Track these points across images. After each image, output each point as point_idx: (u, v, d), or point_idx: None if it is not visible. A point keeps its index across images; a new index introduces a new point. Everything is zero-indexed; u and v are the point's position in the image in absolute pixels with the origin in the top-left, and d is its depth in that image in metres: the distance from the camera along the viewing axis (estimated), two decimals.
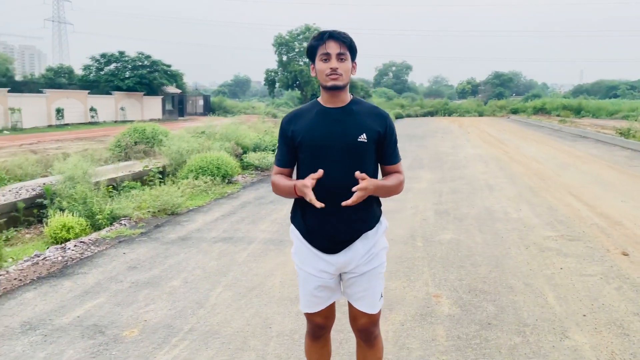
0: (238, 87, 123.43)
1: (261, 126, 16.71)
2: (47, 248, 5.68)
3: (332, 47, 2.11)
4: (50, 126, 33.83)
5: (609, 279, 4.44)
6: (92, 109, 38.39)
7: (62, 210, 6.80)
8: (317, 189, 2.07)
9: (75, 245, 5.58)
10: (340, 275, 2.29)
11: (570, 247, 5.39)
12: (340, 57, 2.10)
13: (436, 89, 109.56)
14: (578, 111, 44.59)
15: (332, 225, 2.14)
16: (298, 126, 2.20)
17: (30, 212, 7.17)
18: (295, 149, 2.21)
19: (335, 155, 2.13)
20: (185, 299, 4.02)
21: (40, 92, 34.91)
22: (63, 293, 4.18)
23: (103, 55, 44.92)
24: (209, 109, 57.23)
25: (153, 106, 46.57)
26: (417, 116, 47.17)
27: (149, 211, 6.80)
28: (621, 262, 4.87)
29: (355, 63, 2.18)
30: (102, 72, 44.60)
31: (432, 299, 4.02)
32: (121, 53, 45.09)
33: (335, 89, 2.12)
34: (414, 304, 3.92)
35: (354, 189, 2.03)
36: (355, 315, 2.32)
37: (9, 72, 57.40)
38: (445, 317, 3.68)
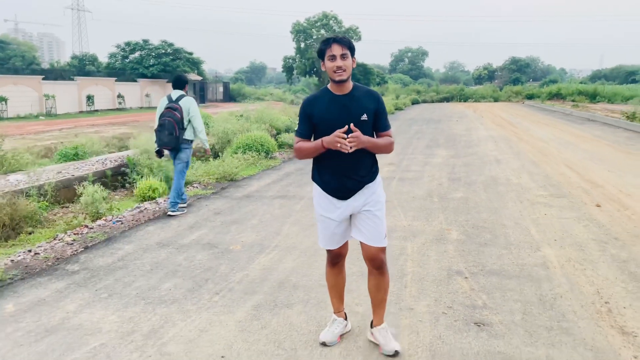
0: (254, 74, 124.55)
1: (290, 110, 18.23)
2: (141, 203, 7.23)
3: (336, 50, 2.74)
4: (81, 112, 35.54)
5: (580, 220, 5.86)
6: (119, 96, 40.03)
7: (140, 176, 8.35)
8: (333, 156, 2.79)
9: (164, 201, 7.14)
10: (350, 219, 2.97)
11: (556, 201, 6.80)
12: (343, 56, 2.74)
13: (452, 74, 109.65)
14: (593, 96, 45.00)
15: (341, 179, 2.86)
16: (315, 109, 2.85)
17: (115, 179, 8.75)
18: (314, 125, 2.87)
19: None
20: (265, 230, 5.54)
21: (72, 79, 36.69)
22: (174, 227, 5.73)
23: (128, 44, 46.65)
24: (229, 95, 58.66)
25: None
26: (432, 102, 48.15)
27: (214, 177, 8.34)
28: (593, 211, 6.27)
29: (354, 58, 2.83)
30: (127, 60, 46.36)
31: (445, 231, 5.49)
32: (145, 41, 46.79)
33: (340, 82, 2.78)
34: (432, 233, 5.39)
35: (349, 135, 2.66)
36: (366, 249, 2.96)
37: (35, 60, 59.31)
38: (454, 240, 5.15)
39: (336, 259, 3.10)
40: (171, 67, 45.90)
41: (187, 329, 3.31)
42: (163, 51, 46.94)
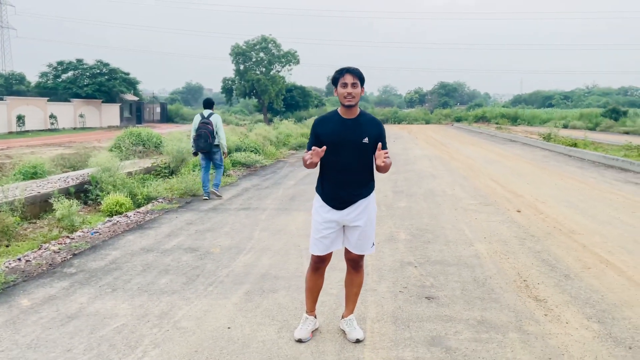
0: (190, 95, 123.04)
1: (237, 130, 18.91)
2: (111, 217, 7.63)
3: (348, 79, 3.14)
4: (10, 133, 34.06)
5: (504, 223, 6.97)
6: (52, 116, 38.68)
7: (106, 192, 8.72)
8: (334, 170, 3.22)
9: (134, 214, 7.60)
10: (343, 229, 3.34)
11: (484, 208, 7.93)
12: (353, 85, 3.14)
13: (386, 98, 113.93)
14: (515, 119, 48.81)
15: (340, 191, 3.25)
16: (324, 129, 3.24)
17: (78, 196, 9.03)
18: (321, 143, 3.20)
19: (347, 150, 3.17)
20: (239, 236, 6.20)
21: (1, 99, 35.22)
22: (153, 235, 6.26)
23: (60, 63, 45.22)
24: (167, 116, 58.05)
25: (111, 113, 47.06)
26: None
27: (177, 193, 8.85)
28: (514, 215, 7.43)
29: (363, 88, 3.19)
30: (59, 80, 44.89)
31: (394, 232, 6.40)
32: (79, 61, 45.59)
33: (349, 107, 3.20)
34: (384, 235, 6.28)
35: (382, 155, 3.12)
36: (348, 252, 3.42)
37: None
38: (403, 240, 6.06)
39: (319, 264, 3.43)
40: (107, 87, 44.84)
41: (193, 310, 3.94)
42: (98, 71, 45.89)
